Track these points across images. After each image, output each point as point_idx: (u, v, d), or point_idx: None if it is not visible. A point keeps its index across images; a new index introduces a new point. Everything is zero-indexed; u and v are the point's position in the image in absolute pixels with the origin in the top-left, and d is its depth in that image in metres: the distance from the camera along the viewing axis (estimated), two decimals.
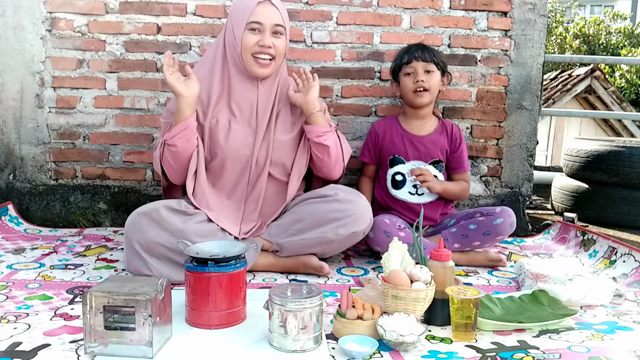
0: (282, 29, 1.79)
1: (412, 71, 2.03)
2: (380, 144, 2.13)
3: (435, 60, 2.03)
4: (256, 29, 1.76)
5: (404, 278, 1.35)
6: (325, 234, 1.76)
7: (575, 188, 2.93)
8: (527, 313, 1.47)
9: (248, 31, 1.76)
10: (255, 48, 1.76)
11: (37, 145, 2.39)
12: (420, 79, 2.01)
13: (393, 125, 2.14)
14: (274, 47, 1.77)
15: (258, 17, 1.75)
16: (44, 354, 1.18)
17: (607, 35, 12.97)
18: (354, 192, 1.83)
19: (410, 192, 2.07)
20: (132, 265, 1.69)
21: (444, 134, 2.12)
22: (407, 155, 2.08)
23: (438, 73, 2.05)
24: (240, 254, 1.39)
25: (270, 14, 1.76)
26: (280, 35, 1.79)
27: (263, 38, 1.75)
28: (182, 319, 1.37)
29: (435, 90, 2.06)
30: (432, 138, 2.10)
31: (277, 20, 1.77)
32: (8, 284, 1.63)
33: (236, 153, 1.82)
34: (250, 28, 1.76)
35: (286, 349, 1.22)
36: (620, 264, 1.90)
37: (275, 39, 1.78)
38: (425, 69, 2.02)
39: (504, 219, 1.92)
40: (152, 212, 1.66)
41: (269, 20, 1.76)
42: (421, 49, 2.04)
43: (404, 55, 2.07)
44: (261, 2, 1.76)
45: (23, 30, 2.32)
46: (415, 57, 2.02)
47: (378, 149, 2.14)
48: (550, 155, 8.51)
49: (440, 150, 2.10)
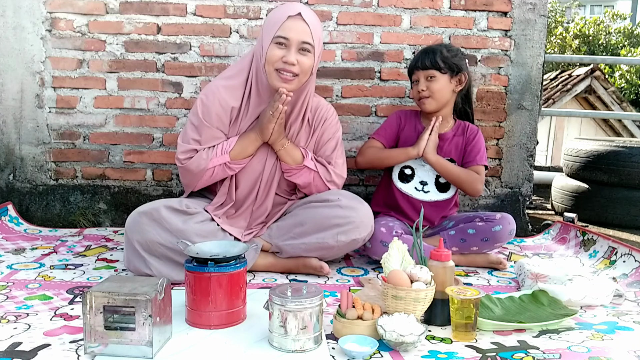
0: (310, 46, 1.71)
1: (416, 79, 2.02)
2: (399, 132, 2.11)
3: (437, 65, 1.97)
4: (283, 43, 1.70)
5: (404, 278, 1.35)
6: (326, 239, 1.75)
7: (575, 188, 2.93)
8: (527, 313, 1.47)
9: (274, 45, 1.70)
10: (279, 63, 1.70)
11: (37, 145, 2.39)
12: (420, 88, 2.00)
13: (414, 119, 2.13)
14: (299, 64, 1.70)
15: (286, 32, 1.69)
16: (44, 354, 1.18)
17: (607, 35, 12.97)
18: (357, 198, 1.82)
19: (416, 187, 2.06)
20: (132, 265, 1.69)
21: (460, 134, 2.10)
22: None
23: (443, 77, 1.99)
24: (240, 254, 1.39)
25: (299, 30, 1.69)
26: (307, 53, 1.72)
27: (288, 54, 1.69)
28: (182, 319, 1.37)
29: (440, 94, 2.00)
30: (448, 137, 2.09)
31: (305, 37, 1.70)
32: (8, 284, 1.63)
33: (248, 167, 1.82)
34: (276, 42, 1.70)
35: (286, 349, 1.22)
36: (620, 264, 1.90)
37: (300, 56, 1.71)
38: (426, 76, 1.99)
39: (503, 227, 1.91)
40: (152, 211, 1.66)
41: (296, 37, 1.69)
42: (423, 57, 2.00)
43: (411, 63, 2.07)
44: (292, 17, 1.69)
45: (23, 30, 2.32)
46: (417, 66, 2.01)
47: (397, 135, 2.11)
48: (550, 155, 8.51)
49: (454, 149, 2.08)
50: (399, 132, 2.11)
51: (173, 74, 2.37)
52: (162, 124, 2.40)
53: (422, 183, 2.06)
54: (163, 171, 2.43)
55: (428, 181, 2.06)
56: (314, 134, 1.89)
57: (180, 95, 2.38)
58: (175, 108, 2.39)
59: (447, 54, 1.99)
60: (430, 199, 2.06)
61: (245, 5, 2.35)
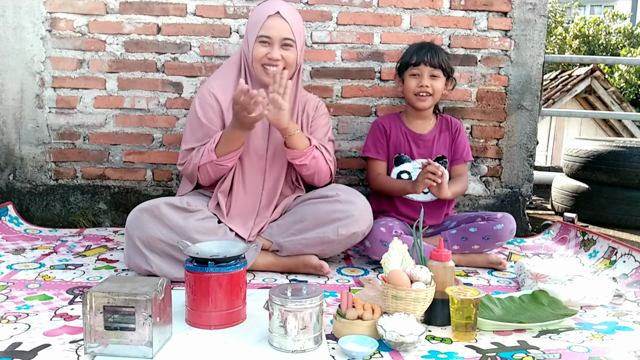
0: (291, 41, 1.82)
1: (418, 73, 2.01)
2: (388, 139, 2.10)
3: (442, 66, 2.00)
4: (266, 41, 1.81)
5: (404, 278, 1.35)
6: (326, 234, 1.76)
7: (575, 188, 2.93)
8: (527, 313, 1.47)
9: (258, 43, 1.81)
10: (265, 60, 1.81)
11: (37, 146, 2.39)
12: (425, 83, 2.00)
13: (397, 123, 2.13)
14: (283, 59, 1.81)
15: (267, 31, 1.80)
16: (44, 354, 1.18)
17: (607, 36, 12.97)
18: (355, 192, 1.83)
19: None
20: (132, 261, 1.69)
21: (445, 130, 2.13)
22: (412, 153, 2.08)
23: (443, 78, 2.04)
24: (240, 254, 1.39)
25: (279, 28, 1.80)
26: (290, 47, 1.82)
27: (272, 51, 1.80)
28: (182, 319, 1.37)
29: (439, 95, 2.05)
30: (435, 135, 2.11)
31: (286, 34, 1.80)
32: (8, 284, 1.63)
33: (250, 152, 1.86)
34: (260, 41, 1.81)
35: (286, 349, 1.22)
36: (620, 264, 1.90)
37: (284, 51, 1.81)
38: (431, 74, 2.00)
39: (505, 225, 1.93)
40: (153, 208, 1.67)
41: (277, 34, 1.80)
42: (431, 53, 2.00)
43: (413, 55, 2.02)
44: (271, 16, 1.80)
45: (23, 31, 2.32)
46: (424, 60, 1.99)
47: (387, 143, 2.11)
48: (550, 156, 8.50)
49: (443, 146, 2.10)
50: (387, 139, 2.11)
51: (173, 74, 2.37)
52: (162, 124, 2.40)
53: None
54: (163, 171, 2.43)
55: None
56: (309, 122, 1.97)
57: (180, 95, 2.38)
58: (175, 108, 2.39)
59: (446, 56, 2.05)
60: (431, 198, 2.06)
61: (245, 5, 2.35)
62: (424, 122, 2.12)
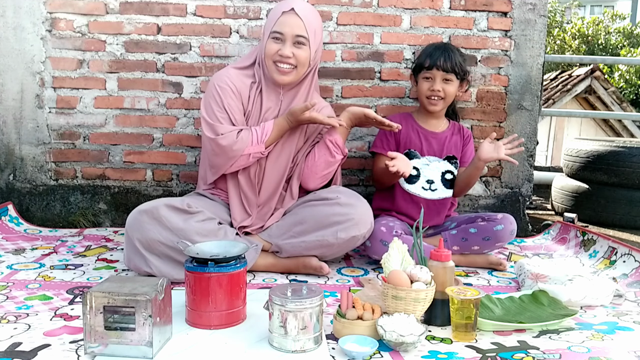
0: (304, 39, 1.80)
1: (431, 77, 2.01)
2: (397, 136, 2.10)
3: (456, 71, 1.99)
4: (278, 38, 1.80)
5: (404, 278, 1.35)
6: (326, 237, 1.76)
7: (575, 188, 2.93)
8: (527, 313, 1.47)
9: (271, 39, 1.82)
10: (276, 56, 1.81)
11: (37, 146, 2.39)
12: (437, 87, 2.00)
13: (408, 120, 2.13)
14: (295, 56, 1.80)
15: (280, 27, 1.79)
16: (44, 354, 1.18)
17: (607, 36, 12.97)
18: (355, 195, 1.83)
19: (423, 187, 2.06)
20: (132, 263, 1.69)
21: (457, 133, 2.14)
22: (422, 150, 2.08)
23: (457, 82, 2.03)
24: (240, 254, 1.39)
25: (292, 24, 1.79)
26: (303, 46, 1.81)
27: (283, 48, 1.79)
28: (182, 319, 1.37)
29: (451, 98, 2.05)
30: (447, 135, 2.11)
31: (299, 31, 1.79)
32: (8, 284, 1.63)
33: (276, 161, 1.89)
34: (273, 37, 1.81)
35: (286, 349, 1.22)
36: (620, 264, 1.90)
37: (296, 49, 1.80)
38: (444, 78, 2.00)
39: (505, 226, 1.93)
40: (152, 210, 1.67)
41: (290, 31, 1.79)
42: (444, 57, 1.99)
43: (427, 58, 2.02)
44: (285, 12, 1.80)
45: (23, 31, 2.32)
46: (437, 65, 1.98)
47: (397, 140, 2.10)
48: (550, 156, 8.50)
49: (454, 147, 2.11)
50: (396, 135, 2.10)
51: (173, 74, 2.37)
52: (162, 124, 2.40)
53: (428, 182, 2.07)
54: (163, 171, 2.43)
55: (434, 179, 2.07)
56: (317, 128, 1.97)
57: (180, 96, 2.38)
58: (175, 108, 2.39)
59: (461, 59, 2.03)
60: (438, 196, 2.07)
61: (245, 6, 2.35)
62: (438, 121, 2.13)
